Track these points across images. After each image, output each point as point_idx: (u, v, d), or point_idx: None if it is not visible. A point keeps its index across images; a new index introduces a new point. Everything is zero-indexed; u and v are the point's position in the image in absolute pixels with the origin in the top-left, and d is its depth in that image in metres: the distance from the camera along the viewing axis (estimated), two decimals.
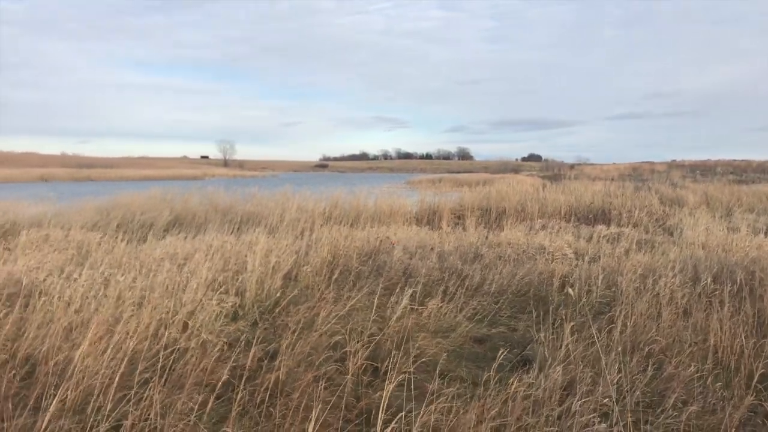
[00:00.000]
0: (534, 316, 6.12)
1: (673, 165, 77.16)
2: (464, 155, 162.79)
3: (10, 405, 3.30)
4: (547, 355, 4.54)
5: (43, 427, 2.66)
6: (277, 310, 6.46)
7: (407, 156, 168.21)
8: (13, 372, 3.82)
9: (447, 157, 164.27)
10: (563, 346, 4.49)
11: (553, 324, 5.55)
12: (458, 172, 72.39)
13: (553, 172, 62.11)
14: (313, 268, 7.91)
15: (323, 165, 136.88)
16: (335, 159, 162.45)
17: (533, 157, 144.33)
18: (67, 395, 3.41)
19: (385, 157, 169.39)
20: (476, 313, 6.48)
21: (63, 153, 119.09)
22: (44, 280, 6.88)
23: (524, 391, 3.86)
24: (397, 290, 6.57)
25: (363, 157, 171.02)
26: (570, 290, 6.28)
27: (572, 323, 4.81)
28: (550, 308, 6.37)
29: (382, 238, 10.04)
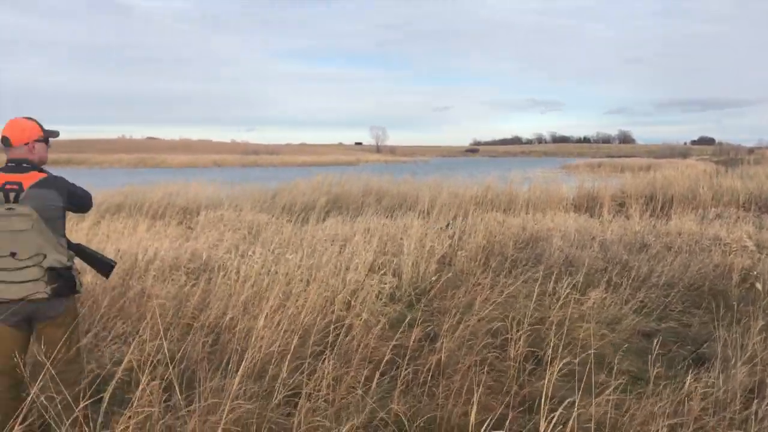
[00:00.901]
0: (714, 312, 5.64)
1: None
2: (625, 139, 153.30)
3: (206, 365, 3.67)
4: (730, 354, 4.16)
5: (234, 388, 2.92)
6: (432, 293, 6.56)
7: (563, 139, 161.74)
8: (203, 339, 4.24)
9: (606, 140, 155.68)
10: (749, 345, 4.10)
11: (736, 321, 5.08)
12: (618, 157, 68.33)
13: (728, 156, 56.52)
14: (468, 254, 7.91)
15: (474, 150, 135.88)
16: (486, 143, 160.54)
17: (704, 141, 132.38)
18: (249, 362, 3.72)
19: (539, 140, 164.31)
20: (643, 306, 6.11)
21: (233, 140, 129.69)
22: (222, 256, 7.54)
23: (702, 389, 3.58)
24: (554, 278, 6.37)
25: (515, 141, 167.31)
26: (758, 285, 5.69)
27: (763, 322, 4.37)
28: (732, 304, 5.83)
29: (538, 225, 9.78)
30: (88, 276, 5.94)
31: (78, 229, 9.99)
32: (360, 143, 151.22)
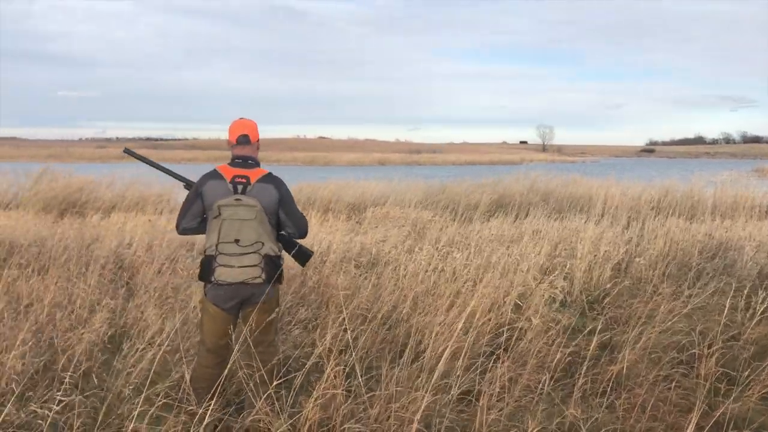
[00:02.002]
0: None
1: None
2: None
3: (386, 355, 3.82)
4: None
5: (418, 381, 3.01)
6: (606, 301, 6.24)
7: (755, 140, 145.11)
8: (377, 330, 4.41)
9: None
10: None
11: None
12: None
13: None
14: (647, 261, 7.41)
15: (649, 150, 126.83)
16: (663, 143, 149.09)
17: None
18: (424, 356, 3.81)
19: (726, 140, 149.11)
20: None
21: (396, 139, 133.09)
22: (389, 252, 7.77)
23: None
24: (747, 292, 5.76)
25: (697, 141, 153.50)
26: None
27: None
28: None
29: (729, 233, 8.90)
30: None
31: None
32: (525, 142, 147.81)
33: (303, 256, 3.70)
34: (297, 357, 3.89)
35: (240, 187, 3.34)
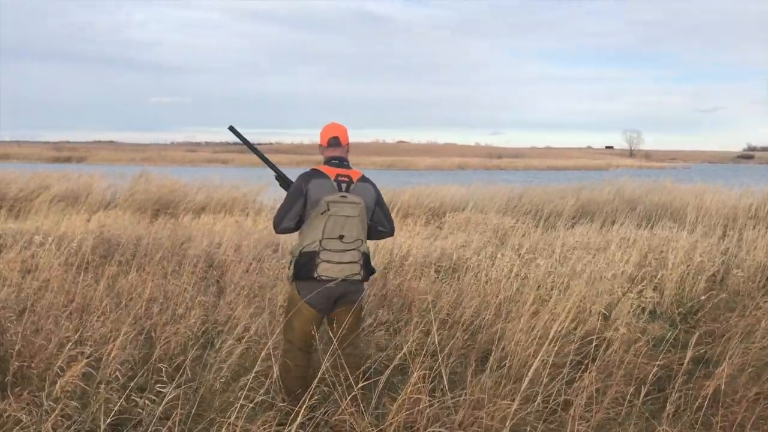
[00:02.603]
0: None
1: None
2: None
3: (472, 361, 3.81)
4: None
5: (490, 383, 2.98)
6: (699, 314, 5.95)
7: None
8: (459, 335, 4.40)
9: None
10: None
11: None
12: None
13: None
14: (745, 273, 7.01)
15: (748, 156, 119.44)
16: (763, 149, 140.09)
17: None
18: (505, 363, 3.77)
19: None
20: None
21: (477, 144, 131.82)
22: (470, 257, 7.71)
23: None
24: None
25: None
26: None
27: None
28: None
29: None
30: None
31: None
32: (611, 147, 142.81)
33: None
34: (380, 359, 3.93)
35: (344, 186, 3.46)
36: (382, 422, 3.06)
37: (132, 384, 3.56)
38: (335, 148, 3.62)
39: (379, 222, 3.62)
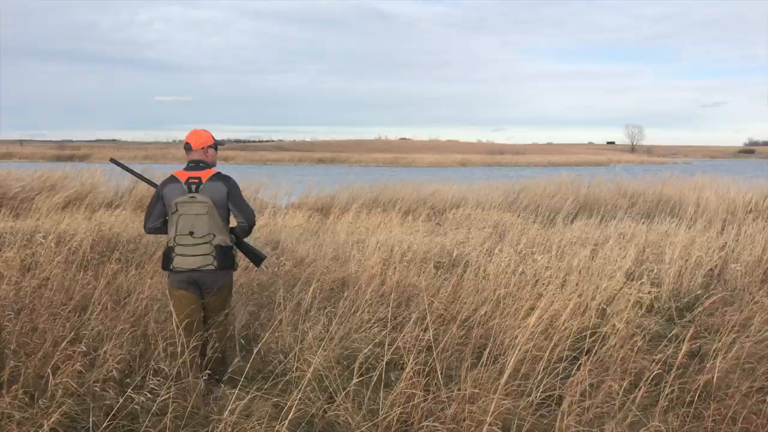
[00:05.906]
0: None
1: None
2: None
3: (467, 356, 3.83)
4: None
5: (500, 383, 3.00)
6: (697, 309, 5.96)
7: None
8: (456, 331, 4.41)
9: None
10: None
11: None
12: None
13: None
14: (743, 267, 7.01)
15: (749, 151, 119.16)
16: (764, 143, 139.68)
17: None
18: (500, 358, 3.78)
19: None
20: None
21: (478, 140, 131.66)
22: (469, 253, 7.72)
23: None
24: None
25: None
26: None
27: None
28: None
29: None
30: (351, 266, 6.57)
31: (341, 221, 11.07)
32: (612, 142, 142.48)
33: (253, 257, 4.22)
34: (377, 354, 3.95)
35: (194, 187, 3.87)
36: (376, 417, 3.08)
37: (128, 381, 3.58)
38: (189, 152, 4.03)
39: (234, 214, 3.98)
